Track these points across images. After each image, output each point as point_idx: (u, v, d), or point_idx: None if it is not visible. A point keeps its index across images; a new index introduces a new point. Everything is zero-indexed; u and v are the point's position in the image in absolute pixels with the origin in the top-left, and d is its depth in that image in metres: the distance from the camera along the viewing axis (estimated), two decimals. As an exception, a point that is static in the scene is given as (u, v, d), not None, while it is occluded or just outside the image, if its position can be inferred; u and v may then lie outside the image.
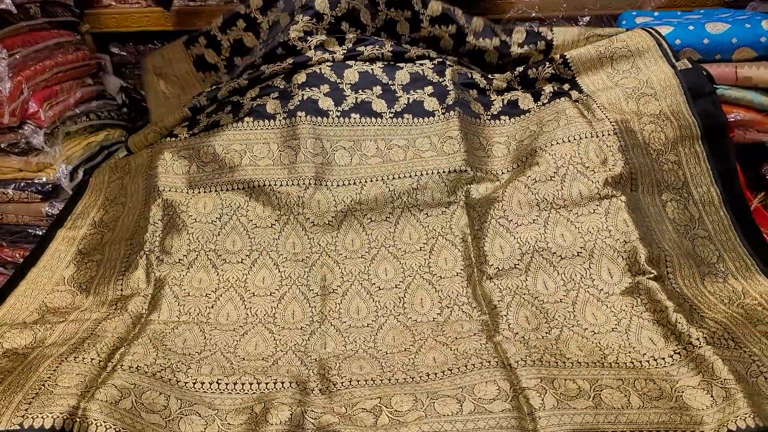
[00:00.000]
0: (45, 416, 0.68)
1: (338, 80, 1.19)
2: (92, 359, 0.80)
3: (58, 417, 0.68)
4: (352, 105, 1.17)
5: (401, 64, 1.23)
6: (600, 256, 0.95)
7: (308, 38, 1.24)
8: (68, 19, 1.57)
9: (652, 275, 0.90)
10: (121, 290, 0.99)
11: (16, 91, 1.28)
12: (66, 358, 0.79)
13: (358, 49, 1.24)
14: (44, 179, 1.31)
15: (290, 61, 1.23)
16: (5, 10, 1.29)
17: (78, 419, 0.69)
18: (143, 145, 1.25)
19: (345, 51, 1.25)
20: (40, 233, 1.32)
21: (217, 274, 1.01)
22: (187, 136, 1.18)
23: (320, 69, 1.20)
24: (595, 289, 0.93)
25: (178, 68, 1.43)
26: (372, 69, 1.22)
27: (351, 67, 1.21)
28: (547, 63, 1.23)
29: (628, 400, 0.72)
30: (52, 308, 0.97)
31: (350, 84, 1.19)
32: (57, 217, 1.19)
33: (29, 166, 1.31)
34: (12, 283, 1.02)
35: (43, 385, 0.74)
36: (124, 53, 1.70)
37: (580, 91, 1.17)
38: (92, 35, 1.65)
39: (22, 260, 1.13)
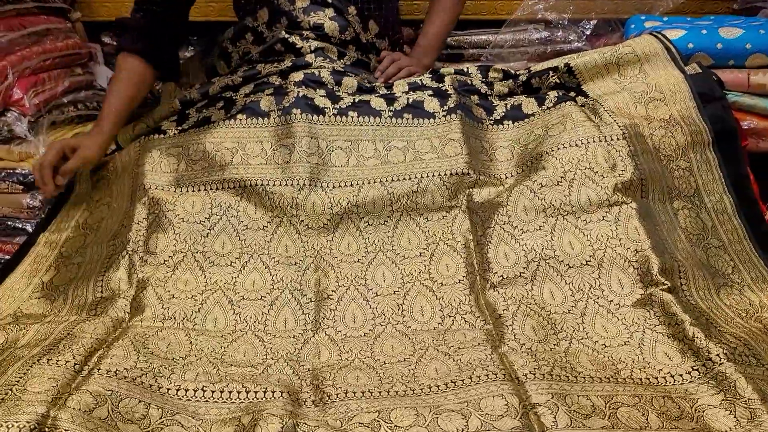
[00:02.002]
0: (10, 425, 0.62)
1: (336, 87, 1.16)
2: (67, 362, 0.74)
3: (24, 426, 0.62)
4: (350, 103, 1.13)
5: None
6: (610, 265, 0.90)
7: (311, 14, 1.21)
8: (59, 6, 1.51)
9: (665, 287, 0.85)
10: (101, 292, 0.93)
11: (0, 75, 1.23)
12: (38, 360, 0.73)
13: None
14: (27, 169, 1.25)
15: (288, 63, 1.19)
16: (-10, -8, 1.24)
17: (47, 429, 0.63)
18: (131, 138, 1.19)
19: (346, 63, 1.23)
20: (20, 226, 1.26)
21: (205, 277, 0.96)
22: (176, 132, 1.13)
23: (319, 72, 1.17)
24: (605, 300, 0.88)
25: (193, 80, 1.41)
26: (369, 79, 1.21)
27: (350, 76, 1.18)
28: (551, 72, 1.19)
29: (647, 419, 0.67)
30: (28, 314, 0.91)
31: (348, 92, 1.16)
32: (41, 220, 1.14)
33: (11, 155, 1.25)
34: None
35: (11, 389, 0.68)
36: (116, 43, 1.64)
37: (586, 96, 1.13)
38: (84, 24, 1.60)
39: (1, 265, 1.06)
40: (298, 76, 1.15)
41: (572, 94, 1.15)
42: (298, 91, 1.12)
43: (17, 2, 1.34)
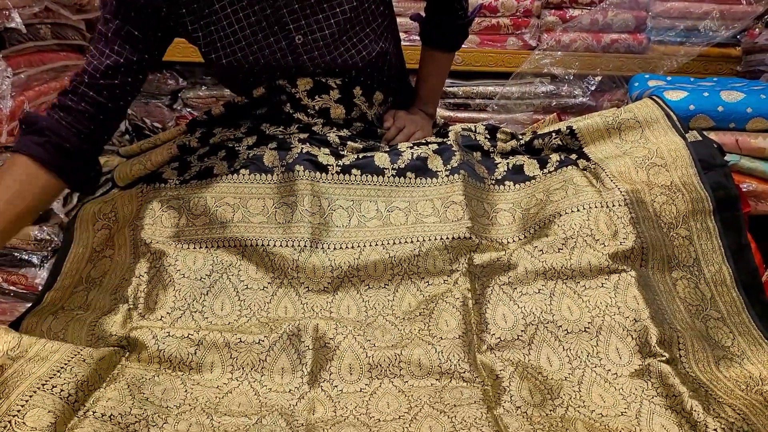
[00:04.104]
0: None
1: (341, 147, 1.16)
2: (69, 396, 0.76)
3: None
4: (354, 159, 1.13)
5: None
6: (608, 333, 0.90)
7: (316, 98, 1.18)
8: (78, 43, 1.56)
9: (663, 358, 0.85)
10: (93, 332, 0.93)
11: (17, 110, 1.26)
12: (42, 386, 0.75)
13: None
14: (36, 203, 1.26)
15: (294, 129, 1.18)
16: (14, 29, 1.28)
17: None
18: (128, 179, 1.15)
19: (352, 132, 1.22)
20: (27, 258, 1.28)
21: (200, 327, 0.96)
22: (177, 182, 1.11)
23: (326, 134, 1.17)
24: (603, 369, 0.88)
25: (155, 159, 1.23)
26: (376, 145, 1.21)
27: (356, 142, 1.19)
28: (554, 134, 1.20)
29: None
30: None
31: (352, 152, 1.16)
32: (47, 279, 1.10)
33: (22, 188, 1.27)
34: None
35: (10, 422, 0.70)
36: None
37: (588, 160, 1.14)
38: (101, 60, 1.64)
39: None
40: (303, 135, 1.16)
41: (574, 156, 1.15)
42: (302, 147, 1.11)
43: (38, 39, 1.39)
